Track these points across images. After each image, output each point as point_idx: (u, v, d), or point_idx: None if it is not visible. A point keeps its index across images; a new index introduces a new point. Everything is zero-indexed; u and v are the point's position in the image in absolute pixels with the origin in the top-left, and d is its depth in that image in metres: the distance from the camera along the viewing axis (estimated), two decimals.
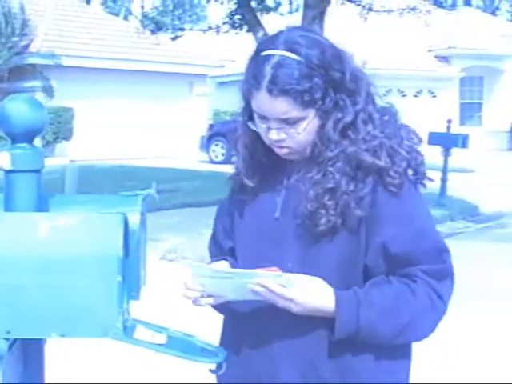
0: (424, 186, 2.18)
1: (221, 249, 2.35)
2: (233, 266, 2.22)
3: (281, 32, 2.07)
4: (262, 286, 1.96)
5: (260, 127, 2.09)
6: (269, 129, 2.06)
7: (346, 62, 2.06)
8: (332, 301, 2.01)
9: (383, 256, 2.05)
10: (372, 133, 2.05)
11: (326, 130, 2.05)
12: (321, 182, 2.05)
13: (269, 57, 2.00)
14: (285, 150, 2.10)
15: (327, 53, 2.02)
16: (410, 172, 2.09)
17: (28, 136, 1.81)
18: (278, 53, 2.00)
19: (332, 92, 2.02)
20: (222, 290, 2.06)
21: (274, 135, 2.06)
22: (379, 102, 2.16)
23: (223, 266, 2.20)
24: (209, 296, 2.07)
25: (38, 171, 1.81)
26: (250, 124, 2.11)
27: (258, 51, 2.06)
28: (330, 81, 2.02)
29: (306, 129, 2.04)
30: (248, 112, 2.13)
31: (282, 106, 2.00)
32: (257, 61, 2.04)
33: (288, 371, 2.10)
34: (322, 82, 2.00)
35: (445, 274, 2.11)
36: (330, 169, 2.04)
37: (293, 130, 2.04)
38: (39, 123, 1.82)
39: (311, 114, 2.03)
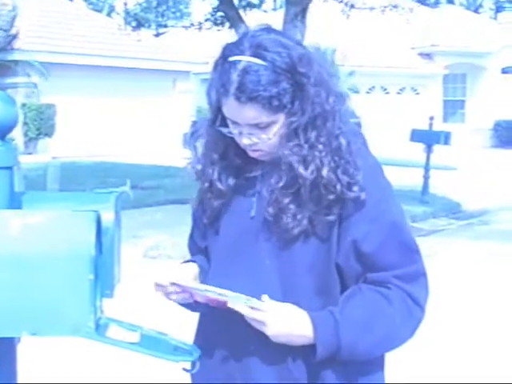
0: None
1: (198, 247, 2.35)
2: (202, 266, 2.24)
3: (245, 35, 2.05)
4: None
5: (233, 132, 2.09)
6: (241, 134, 2.06)
7: (313, 65, 2.04)
8: (308, 324, 2.00)
9: (354, 255, 2.04)
10: (312, 141, 2.03)
11: (281, 130, 2.05)
12: (274, 184, 2.06)
13: (235, 63, 1.99)
14: (258, 153, 2.10)
15: (294, 56, 2.00)
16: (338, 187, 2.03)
17: (0, 132, 1.79)
18: (244, 59, 1.99)
19: (300, 95, 2.02)
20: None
21: (246, 140, 2.06)
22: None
23: (190, 277, 2.18)
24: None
25: (9, 168, 1.79)
26: (222, 129, 2.10)
27: (224, 56, 2.04)
28: (297, 85, 2.01)
29: (277, 133, 2.04)
30: (219, 117, 2.12)
31: (250, 113, 2.00)
32: (223, 67, 2.02)
33: (264, 374, 2.09)
34: (289, 86, 2.00)
35: (417, 275, 2.10)
36: (280, 171, 2.05)
37: (264, 135, 2.04)
38: (11, 120, 1.80)
39: (281, 117, 2.03)
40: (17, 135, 21.76)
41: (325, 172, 2.01)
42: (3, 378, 1.78)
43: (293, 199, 2.04)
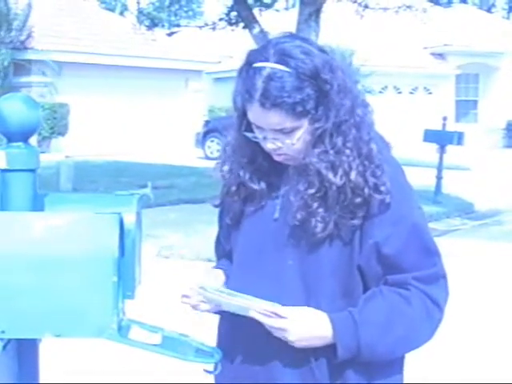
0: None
1: (223, 249, 2.40)
2: (227, 272, 2.29)
3: (270, 42, 2.09)
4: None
5: (258, 136, 2.12)
6: (265, 138, 2.09)
7: (336, 72, 2.07)
8: (328, 326, 2.04)
9: (376, 257, 2.07)
10: (338, 146, 2.06)
11: (307, 136, 2.08)
12: (304, 190, 2.08)
13: (260, 69, 2.03)
14: (283, 157, 2.13)
15: (318, 63, 2.03)
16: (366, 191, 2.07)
17: (23, 135, 1.80)
18: (269, 65, 2.02)
19: (324, 101, 2.05)
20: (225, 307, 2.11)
21: (270, 145, 2.09)
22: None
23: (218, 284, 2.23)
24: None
25: (33, 170, 1.81)
26: (248, 134, 2.13)
27: (248, 62, 2.08)
28: (320, 91, 2.04)
29: (301, 138, 2.07)
30: (244, 122, 2.15)
31: (275, 119, 2.03)
32: (248, 73, 2.06)
33: (286, 375, 2.12)
34: (313, 93, 2.03)
35: (437, 277, 2.13)
36: (309, 177, 2.07)
37: (288, 140, 2.07)
38: (34, 122, 1.82)
39: (305, 123, 2.06)
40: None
41: (353, 176, 2.04)
42: (26, 378, 1.80)
43: (321, 203, 2.06)
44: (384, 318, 2.05)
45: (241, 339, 2.18)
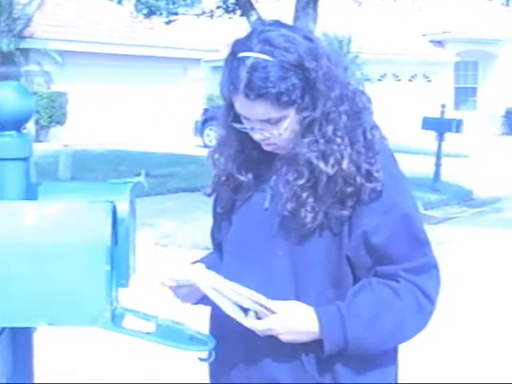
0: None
1: (215, 241, 2.41)
2: (210, 265, 2.22)
3: (254, 31, 2.06)
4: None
5: (246, 127, 2.11)
6: (253, 129, 2.08)
7: (321, 60, 2.04)
8: (315, 320, 2.02)
9: (364, 247, 2.05)
10: (329, 135, 2.04)
11: (295, 125, 2.06)
12: (293, 181, 2.07)
13: (243, 59, 2.01)
14: (272, 147, 2.12)
15: (301, 51, 2.01)
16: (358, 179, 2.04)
17: (16, 124, 1.80)
18: (253, 55, 2.00)
19: (310, 90, 2.02)
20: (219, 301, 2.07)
21: (257, 135, 2.09)
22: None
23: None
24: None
25: (26, 159, 1.80)
26: (236, 125, 2.12)
27: (233, 52, 2.06)
28: (306, 80, 2.01)
29: (288, 127, 2.06)
30: (231, 112, 2.13)
31: (260, 109, 2.02)
32: (233, 63, 2.04)
33: (277, 368, 2.11)
34: (298, 81, 2.00)
35: (428, 268, 2.10)
36: (299, 167, 2.06)
37: (275, 130, 2.06)
38: (27, 111, 1.81)
39: (291, 112, 2.04)
40: (29, 123, 21.78)
41: (345, 165, 2.02)
42: (20, 367, 1.80)
43: (310, 193, 2.05)
44: (372, 311, 2.03)
45: (230, 334, 2.14)
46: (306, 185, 2.05)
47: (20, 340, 1.80)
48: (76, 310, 1.66)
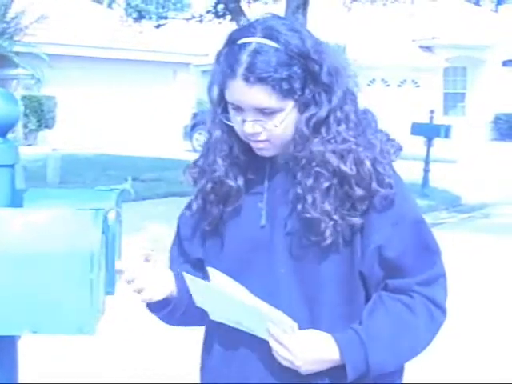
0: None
1: (186, 256, 2.21)
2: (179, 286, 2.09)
3: (257, 20, 1.96)
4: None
5: (235, 120, 1.97)
6: (244, 121, 1.94)
7: (325, 54, 1.94)
8: (334, 348, 1.94)
9: (378, 261, 1.97)
10: (343, 135, 1.93)
11: (300, 126, 1.94)
12: (315, 187, 1.93)
13: (245, 45, 1.90)
14: (261, 145, 1.97)
15: (306, 42, 1.91)
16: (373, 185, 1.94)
17: (1, 130, 1.78)
18: (256, 40, 1.90)
19: (311, 84, 1.92)
20: (221, 310, 2.00)
21: (249, 128, 1.93)
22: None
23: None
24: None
25: (11, 166, 1.79)
26: (223, 118, 1.99)
27: (232, 40, 1.94)
28: (308, 71, 1.91)
29: (284, 122, 1.92)
30: (222, 106, 2.01)
31: (259, 95, 1.89)
32: (232, 49, 1.92)
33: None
34: (300, 72, 1.90)
35: (437, 277, 2.04)
36: (316, 169, 1.93)
37: (270, 122, 1.92)
38: (12, 117, 1.80)
39: (289, 105, 1.92)
40: (17, 127, 21.75)
41: (367, 165, 1.91)
42: (4, 375, 1.78)
43: (328, 199, 1.93)
44: (390, 332, 1.96)
45: (235, 363, 2.04)
46: (322, 188, 1.92)
47: (4, 348, 1.78)
48: (61, 318, 1.65)
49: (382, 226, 1.95)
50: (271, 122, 1.92)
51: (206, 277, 2.02)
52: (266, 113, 1.91)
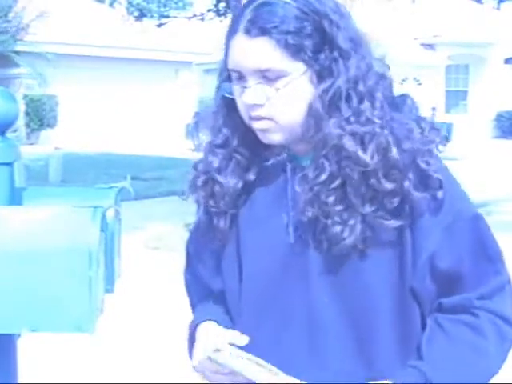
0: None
1: (205, 288, 1.84)
2: (223, 321, 1.75)
3: None
4: None
5: (237, 94, 1.64)
6: (244, 89, 1.60)
7: (347, 18, 1.62)
8: None
9: (430, 274, 1.62)
10: (366, 114, 1.57)
11: (313, 101, 1.58)
12: (320, 182, 1.59)
13: (252, 1, 1.60)
14: (264, 125, 1.61)
15: (326, 1, 1.59)
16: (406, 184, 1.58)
17: (0, 128, 1.79)
18: None
19: (327, 49, 1.57)
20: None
21: (249, 96, 1.59)
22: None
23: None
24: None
25: (10, 164, 1.79)
26: (225, 85, 1.68)
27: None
28: (324, 32, 1.57)
29: (289, 87, 1.57)
30: (224, 75, 1.70)
31: (261, 50, 1.56)
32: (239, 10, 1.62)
33: None
34: (313, 30, 1.56)
35: (502, 286, 1.67)
36: (321, 160, 1.59)
37: (273, 88, 1.58)
38: (11, 116, 1.80)
39: (298, 69, 1.57)
40: (19, 126, 21.78)
41: (393, 153, 1.56)
42: (4, 374, 1.78)
43: (338, 196, 1.58)
44: (458, 366, 1.62)
45: None
46: (332, 185, 1.58)
47: (3, 347, 1.78)
48: (60, 316, 1.65)
49: (434, 228, 1.61)
50: (274, 87, 1.59)
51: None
52: (269, 78, 1.58)
